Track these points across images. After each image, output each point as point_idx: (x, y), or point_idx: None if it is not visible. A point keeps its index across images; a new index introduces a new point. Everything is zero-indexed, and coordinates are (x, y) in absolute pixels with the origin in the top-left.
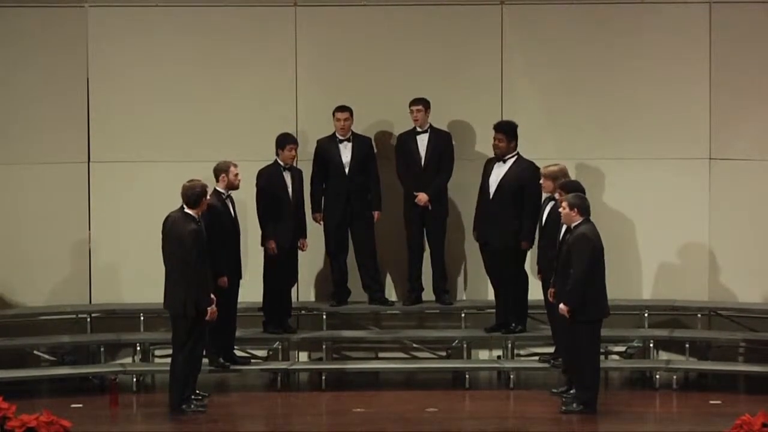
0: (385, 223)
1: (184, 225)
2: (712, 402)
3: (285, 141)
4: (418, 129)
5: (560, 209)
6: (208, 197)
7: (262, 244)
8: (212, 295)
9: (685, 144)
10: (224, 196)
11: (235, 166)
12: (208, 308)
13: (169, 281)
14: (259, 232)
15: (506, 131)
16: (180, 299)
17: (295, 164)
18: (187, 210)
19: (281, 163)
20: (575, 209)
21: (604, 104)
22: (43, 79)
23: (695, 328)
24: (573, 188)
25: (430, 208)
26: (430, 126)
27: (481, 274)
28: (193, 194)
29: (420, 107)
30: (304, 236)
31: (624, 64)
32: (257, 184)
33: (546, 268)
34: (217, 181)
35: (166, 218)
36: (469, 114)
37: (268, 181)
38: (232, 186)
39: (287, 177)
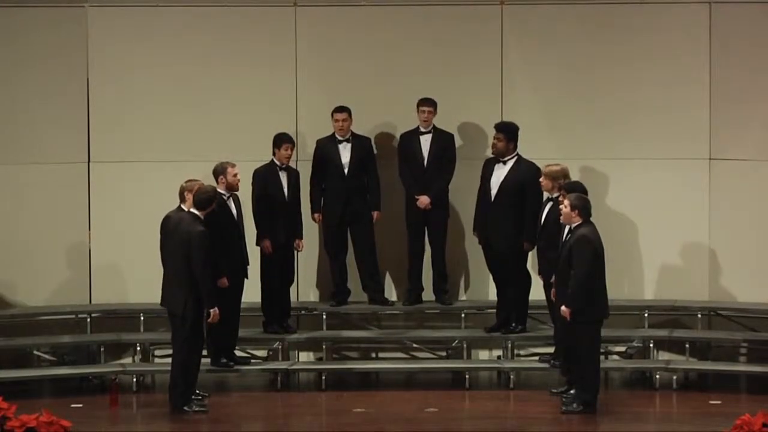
0: (385, 223)
1: (192, 226)
2: (712, 402)
3: (281, 140)
4: (422, 129)
5: (561, 207)
6: None
7: (257, 244)
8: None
9: (685, 144)
10: (225, 197)
11: (233, 166)
12: (212, 310)
13: (169, 280)
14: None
15: (505, 131)
16: (181, 300)
17: (294, 165)
18: (193, 211)
19: (277, 163)
20: (575, 210)
21: (604, 104)
22: (43, 79)
23: (695, 328)
24: (576, 190)
25: (430, 209)
26: (434, 126)
27: (482, 274)
28: (206, 197)
29: (431, 108)
30: (300, 236)
31: (624, 64)
32: (253, 184)
33: (546, 268)
34: (217, 182)
35: (167, 218)
36: (469, 114)
37: (264, 180)
38: (232, 187)
39: (283, 177)
